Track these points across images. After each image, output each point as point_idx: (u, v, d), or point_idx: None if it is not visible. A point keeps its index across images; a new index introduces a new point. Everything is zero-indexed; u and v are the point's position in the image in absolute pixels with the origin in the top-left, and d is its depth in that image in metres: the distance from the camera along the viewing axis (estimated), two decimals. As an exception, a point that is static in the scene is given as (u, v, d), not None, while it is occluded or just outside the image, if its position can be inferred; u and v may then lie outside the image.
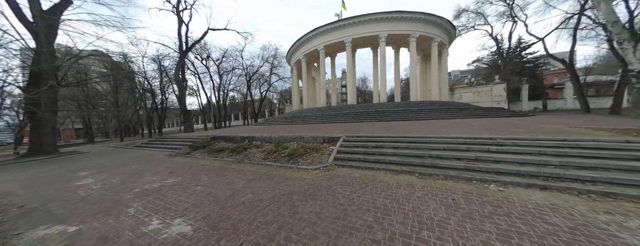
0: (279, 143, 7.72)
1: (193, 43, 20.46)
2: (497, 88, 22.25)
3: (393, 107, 16.51)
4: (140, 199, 3.83)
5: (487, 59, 33.71)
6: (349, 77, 20.85)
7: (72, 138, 38.97)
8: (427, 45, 21.78)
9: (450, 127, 7.89)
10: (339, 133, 7.86)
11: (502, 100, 22.08)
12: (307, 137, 7.77)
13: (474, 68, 47.93)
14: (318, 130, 9.92)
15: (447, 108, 14.51)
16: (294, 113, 20.90)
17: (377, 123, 11.61)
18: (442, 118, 12.43)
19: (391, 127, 8.98)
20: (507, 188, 3.30)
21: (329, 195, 3.43)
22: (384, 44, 19.14)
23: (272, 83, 42.28)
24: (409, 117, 13.19)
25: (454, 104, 16.54)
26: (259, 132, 11.06)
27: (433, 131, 6.88)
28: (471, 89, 23.80)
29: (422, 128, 7.85)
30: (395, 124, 10.60)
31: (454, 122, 10.37)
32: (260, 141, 9.00)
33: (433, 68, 20.39)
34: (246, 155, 7.11)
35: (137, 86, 25.03)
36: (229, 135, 10.61)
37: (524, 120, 10.15)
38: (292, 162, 5.81)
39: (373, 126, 10.07)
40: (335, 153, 5.83)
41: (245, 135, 9.72)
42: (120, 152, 11.77)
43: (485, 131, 6.30)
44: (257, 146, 8.32)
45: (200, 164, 6.61)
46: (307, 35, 22.33)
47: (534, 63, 30.61)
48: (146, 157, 8.85)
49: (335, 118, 15.20)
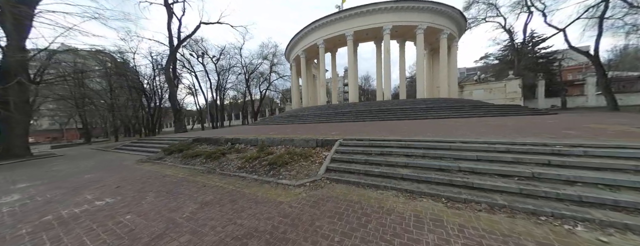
0: (263, 148, 6.43)
1: (185, 38, 19.31)
2: (512, 84, 20.58)
3: (398, 105, 15.08)
4: (33, 236, 2.58)
5: (497, 54, 31.90)
6: (351, 73, 19.46)
7: (75, 139, 38.57)
8: (435, 38, 20.24)
9: (470, 128, 6.48)
10: (336, 134, 6.53)
11: (517, 97, 20.40)
12: (298, 140, 6.46)
13: (482, 65, 45.92)
14: (314, 130, 8.61)
15: (460, 105, 13.03)
16: (292, 113, 19.62)
17: (382, 123, 10.24)
18: (455, 117, 10.99)
19: (397, 128, 7.60)
20: (612, 236, 1.93)
21: (308, 241, 2.11)
22: (389, 36, 17.69)
23: (272, 82, 41.14)
24: (416, 115, 11.78)
25: (466, 101, 15.03)
26: (249, 133, 9.81)
27: (451, 133, 5.50)
28: (482, 86, 22.15)
29: (436, 129, 6.47)
30: (402, 124, 9.21)
31: (470, 121, 8.94)
32: (245, 144, 7.76)
33: (442, 64, 18.86)
34: (221, 163, 5.83)
35: (130, 84, 24.04)
36: (213, 136, 9.38)
37: (557, 119, 8.66)
38: (273, 174, 4.51)
39: (377, 126, 8.70)
40: (328, 162, 4.50)
41: (230, 137, 8.48)
42: (96, 155, 10.65)
43: (516, 133, 4.90)
44: (238, 150, 7.05)
45: (163, 174, 5.35)
46: (306, 28, 20.98)
47: (547, 58, 28.82)
48: (114, 163, 7.65)
49: (334, 118, 13.86)
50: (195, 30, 19.99)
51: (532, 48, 26.64)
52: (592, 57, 16.57)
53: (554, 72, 28.92)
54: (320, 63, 21.11)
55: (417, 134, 5.54)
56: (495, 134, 4.86)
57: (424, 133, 5.71)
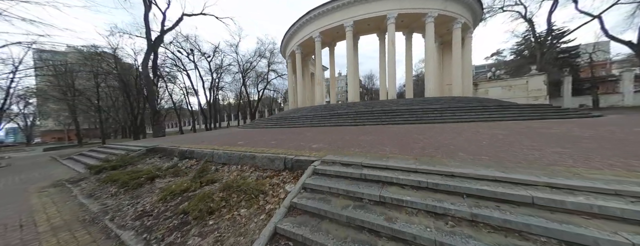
0: (203, 172, 4.32)
1: (165, 31, 17.41)
2: (535, 81, 18.02)
3: (405, 105, 12.80)
4: None
5: (514, 49, 29.19)
6: (350, 69, 17.23)
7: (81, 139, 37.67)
8: (446, 29, 17.82)
9: (524, 140, 4.23)
10: (318, 148, 4.40)
11: (542, 96, 17.85)
12: (261, 157, 4.37)
13: (494, 61, 43.20)
14: (296, 139, 6.48)
15: (482, 106, 10.67)
16: (283, 114, 17.50)
17: (386, 129, 8.02)
18: (480, 120, 8.69)
19: (408, 137, 5.39)
20: None
21: None
22: (393, 26, 15.40)
23: (270, 81, 39.24)
24: (429, 118, 9.51)
25: (488, 101, 12.60)
26: (223, 139, 7.77)
27: (507, 152, 3.27)
28: (500, 83, 19.62)
29: (469, 141, 4.26)
30: (413, 131, 6.98)
31: (508, 127, 6.65)
32: (198, 159, 5.71)
33: (455, 58, 16.47)
34: (134, 197, 3.74)
35: (109, 84, 22.44)
36: (170, 146, 7.39)
37: (615, 124, 6.31)
38: (181, 236, 2.38)
39: (379, 133, 6.51)
40: (281, 215, 2.35)
41: (184, 149, 6.46)
42: (39, 166, 8.76)
43: (627, 155, 2.66)
44: (178, 171, 4.96)
45: (19, 223, 3.28)
46: (300, 20, 18.84)
47: (569, 52, 26.09)
48: (18, 187, 5.66)
49: (329, 121, 11.69)
50: (177, 23, 18.10)
51: (551, 41, 23.92)
52: (636, 47, 13.99)
53: (577, 68, 26.20)
54: (317, 59, 18.93)
55: (447, 152, 3.34)
56: (594, 158, 2.64)
57: (454, 150, 3.50)
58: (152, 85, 16.87)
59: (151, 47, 17.02)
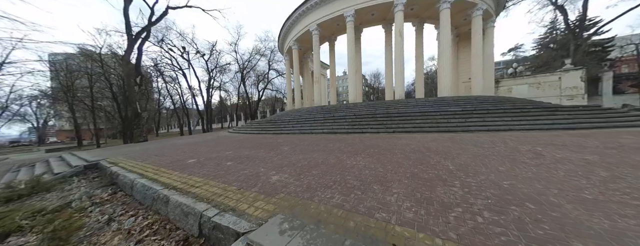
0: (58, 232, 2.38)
1: (147, 25, 15.86)
2: (571, 77, 15.32)
3: (416, 106, 10.60)
4: None
5: (539, 42, 26.23)
6: (350, 65, 15.11)
7: (89, 139, 37.82)
8: (464, 18, 15.45)
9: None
10: (276, 184, 2.37)
11: (579, 95, 15.14)
12: (175, 204, 2.46)
13: (511, 58, 40.02)
14: (262, 158, 4.49)
15: (518, 108, 8.29)
16: (274, 117, 15.58)
17: (391, 141, 5.94)
18: (520, 129, 6.43)
19: (427, 163, 3.29)
20: None
21: None
22: (402, 15, 13.18)
23: (271, 80, 37.60)
24: (449, 125, 7.31)
25: (521, 102, 10.10)
26: (177, 155, 5.91)
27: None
28: (526, 80, 16.97)
29: (560, 181, 2.18)
30: (432, 146, 4.85)
31: (579, 144, 4.44)
32: (113, 192, 3.85)
33: (474, 51, 14.07)
34: None
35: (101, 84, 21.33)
36: (109, 165, 5.63)
37: None
38: None
39: (382, 150, 4.45)
40: None
41: (115, 170, 4.65)
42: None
43: None
44: (51, 221, 3.07)
45: None
46: (297, 11, 16.87)
47: (602, 46, 23.06)
48: None
49: (321, 126, 9.64)
50: (161, 17, 16.55)
51: (589, 31, 20.93)
52: None
53: (612, 63, 23.12)
54: (314, 54, 16.91)
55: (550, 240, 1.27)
56: None
57: (571, 232, 1.41)
58: (133, 85, 15.34)
59: (132, 43, 15.50)
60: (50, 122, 43.53)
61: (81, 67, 21.10)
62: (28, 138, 47.80)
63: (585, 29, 20.32)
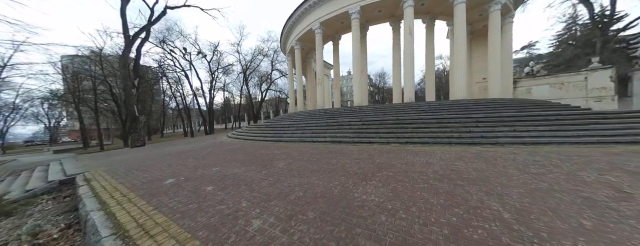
0: None
1: (144, 26, 15.31)
2: (598, 76, 13.96)
3: (430, 111, 9.58)
4: None
5: (558, 38, 24.66)
6: (355, 65, 14.15)
7: (96, 139, 39.25)
8: (479, 14, 14.35)
9: None
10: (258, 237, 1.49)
11: (608, 96, 13.76)
12: None
13: (525, 56, 38.24)
14: (251, 180, 3.61)
15: (553, 115, 7.15)
16: (274, 121, 14.74)
17: (405, 159, 5.03)
18: (559, 142, 5.37)
19: (471, 208, 2.38)
20: None
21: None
22: (412, 10, 12.17)
23: (274, 80, 36.95)
24: (471, 135, 6.30)
25: (553, 107, 8.89)
26: (159, 171, 5.15)
27: None
28: (548, 80, 15.63)
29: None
30: (462, 167, 3.89)
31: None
32: (67, 225, 3.05)
33: (492, 48, 12.94)
34: None
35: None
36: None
37: None
38: None
39: (396, 172, 3.53)
40: None
41: (83, 194, 3.88)
42: None
43: None
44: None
45: None
46: (299, 9, 16.04)
47: (628, 42, 21.44)
48: None
49: (324, 133, 8.75)
50: (159, 17, 15.97)
51: (606, 28, 19.34)
52: None
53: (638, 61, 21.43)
54: (317, 54, 16.02)
55: None
56: None
57: None
58: (130, 88, 14.82)
59: (129, 44, 14.98)
60: (62, 122, 44.60)
61: (83, 68, 21.19)
62: (42, 138, 48.92)
63: (611, 24, 18.76)
